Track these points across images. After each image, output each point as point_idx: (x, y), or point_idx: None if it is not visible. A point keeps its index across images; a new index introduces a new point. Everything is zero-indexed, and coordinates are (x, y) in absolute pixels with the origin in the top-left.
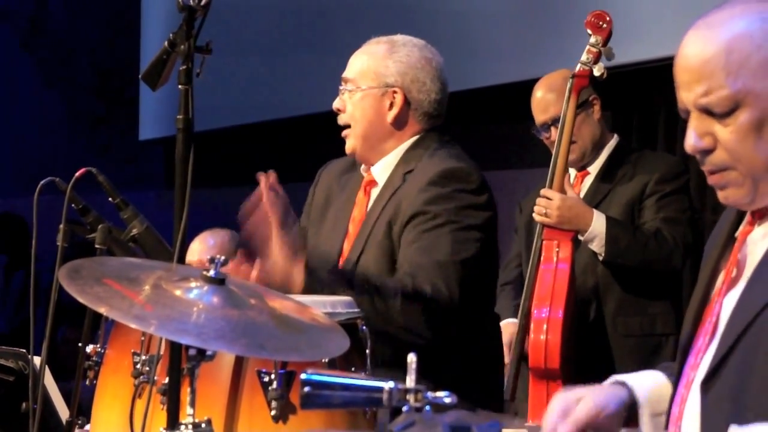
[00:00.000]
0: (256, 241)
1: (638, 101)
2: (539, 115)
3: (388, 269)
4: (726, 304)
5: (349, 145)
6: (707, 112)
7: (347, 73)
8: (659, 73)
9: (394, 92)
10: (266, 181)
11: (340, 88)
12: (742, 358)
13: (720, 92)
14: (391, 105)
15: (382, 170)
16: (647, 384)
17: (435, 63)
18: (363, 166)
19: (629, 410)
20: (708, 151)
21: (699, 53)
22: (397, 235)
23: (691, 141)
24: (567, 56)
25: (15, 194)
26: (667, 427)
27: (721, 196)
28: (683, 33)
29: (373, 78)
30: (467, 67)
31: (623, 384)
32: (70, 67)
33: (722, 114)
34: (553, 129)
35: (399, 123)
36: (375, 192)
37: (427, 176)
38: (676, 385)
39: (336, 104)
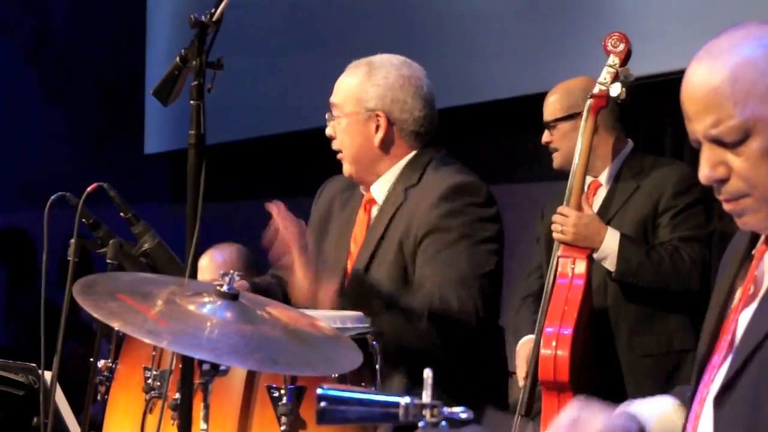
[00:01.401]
0: (284, 266)
1: (645, 115)
2: (544, 115)
3: (399, 287)
4: (742, 321)
5: (346, 170)
6: (718, 142)
7: (333, 99)
8: (666, 88)
9: (377, 116)
10: (278, 211)
11: (327, 114)
12: (756, 374)
13: (729, 122)
14: (377, 128)
15: (380, 189)
16: (656, 415)
17: (414, 80)
18: (362, 186)
19: None
20: (723, 181)
21: (704, 84)
22: (411, 253)
23: (706, 172)
24: (579, 70)
25: (18, 208)
26: None
27: (739, 222)
28: (689, 47)
29: (355, 103)
30: (482, 80)
31: (634, 417)
32: (75, 81)
33: (733, 143)
34: (545, 132)
35: (386, 145)
36: (375, 210)
37: (437, 192)
38: (691, 401)
39: (328, 131)
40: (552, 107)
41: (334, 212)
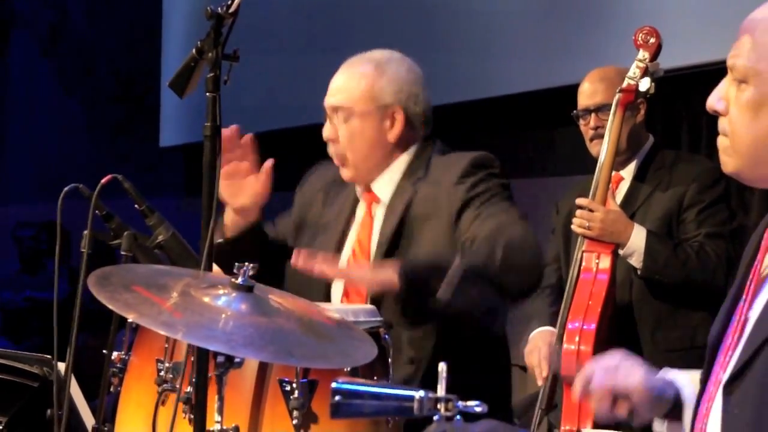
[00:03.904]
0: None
1: (662, 110)
2: (584, 100)
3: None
4: (756, 305)
5: (348, 175)
6: (733, 75)
7: (335, 100)
8: (683, 82)
9: (394, 112)
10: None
11: (328, 115)
12: (766, 364)
13: (741, 59)
14: (392, 124)
15: (384, 185)
16: (693, 385)
17: (419, 72)
18: (358, 188)
19: (672, 407)
20: (721, 114)
21: (750, 18)
22: (445, 234)
23: (711, 99)
24: (596, 65)
25: (35, 201)
26: (694, 423)
27: (721, 160)
28: (706, 43)
29: (370, 101)
30: (496, 74)
31: (672, 383)
32: (91, 75)
33: (737, 81)
34: (593, 116)
35: (401, 140)
36: (378, 208)
37: (456, 172)
38: (705, 382)
39: (328, 134)
40: (602, 93)
41: (316, 206)
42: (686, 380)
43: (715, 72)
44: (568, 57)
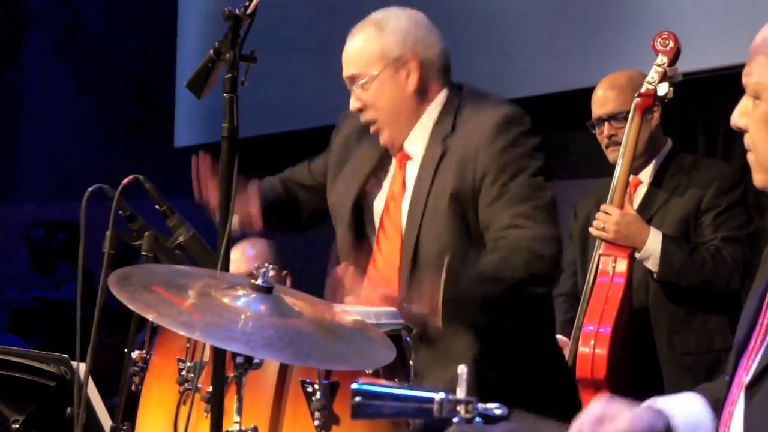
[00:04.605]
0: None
1: (678, 113)
2: (596, 109)
3: (450, 244)
4: None
5: (385, 138)
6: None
7: (349, 71)
8: (698, 86)
9: (405, 62)
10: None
11: (349, 88)
12: None
13: (751, 77)
14: (408, 75)
15: (414, 142)
16: (683, 411)
17: (420, 18)
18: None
19: None
20: (744, 131)
21: (764, 38)
22: (470, 198)
23: (733, 116)
24: (613, 67)
25: (49, 200)
26: (718, 427)
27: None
28: (722, 46)
29: (379, 60)
30: (512, 77)
31: (660, 412)
32: (106, 74)
33: (753, 98)
34: (606, 125)
35: (422, 88)
36: (411, 166)
37: (487, 129)
38: (729, 385)
39: (354, 105)
40: (614, 100)
41: (352, 146)
42: (675, 408)
43: (732, 76)
44: (583, 60)
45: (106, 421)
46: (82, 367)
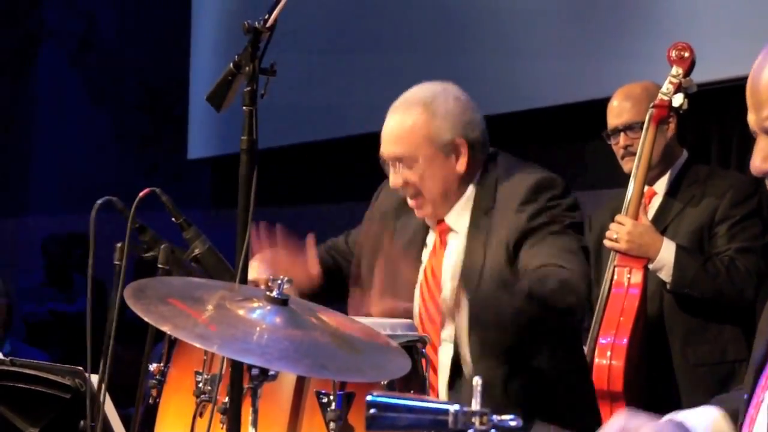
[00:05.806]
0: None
1: (692, 124)
2: (612, 120)
3: None
4: None
5: (425, 213)
6: None
7: (393, 151)
8: (712, 96)
9: (456, 145)
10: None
11: (387, 164)
12: None
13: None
14: (457, 157)
15: (457, 216)
16: (704, 423)
17: (464, 97)
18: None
19: None
20: None
21: (766, 77)
22: (513, 265)
23: (757, 163)
24: (627, 78)
25: (63, 212)
26: None
27: None
28: (737, 56)
29: (429, 143)
30: (527, 88)
31: (682, 425)
32: (119, 86)
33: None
34: (622, 135)
35: (469, 168)
36: (454, 238)
37: (517, 198)
38: (747, 404)
39: (396, 181)
40: (629, 111)
41: (390, 223)
42: (695, 420)
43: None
44: (599, 71)
45: None
46: (94, 379)
